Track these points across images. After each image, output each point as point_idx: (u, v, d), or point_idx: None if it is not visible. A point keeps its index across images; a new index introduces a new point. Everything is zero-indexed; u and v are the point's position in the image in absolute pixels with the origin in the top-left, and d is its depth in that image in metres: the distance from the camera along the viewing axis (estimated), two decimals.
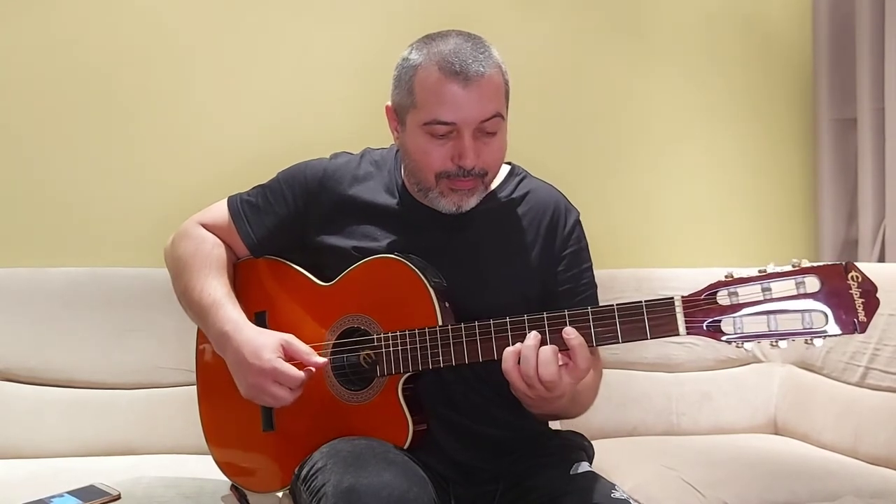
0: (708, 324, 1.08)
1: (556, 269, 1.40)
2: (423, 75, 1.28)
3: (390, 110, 1.37)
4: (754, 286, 1.06)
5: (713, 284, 1.09)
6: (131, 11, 2.18)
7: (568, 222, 1.43)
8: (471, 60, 1.25)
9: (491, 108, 1.27)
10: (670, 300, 1.10)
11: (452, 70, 1.25)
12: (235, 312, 1.35)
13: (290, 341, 1.30)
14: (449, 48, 1.27)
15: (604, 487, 1.25)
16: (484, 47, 1.29)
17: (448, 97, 1.25)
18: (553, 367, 1.13)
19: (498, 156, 1.33)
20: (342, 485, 1.11)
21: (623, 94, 2.45)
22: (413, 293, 1.27)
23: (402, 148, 1.37)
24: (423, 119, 1.28)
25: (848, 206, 2.45)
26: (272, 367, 1.26)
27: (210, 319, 1.35)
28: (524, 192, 1.44)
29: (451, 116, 1.26)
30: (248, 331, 1.32)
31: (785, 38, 2.52)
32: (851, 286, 1.02)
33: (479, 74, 1.25)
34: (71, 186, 2.15)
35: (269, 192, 1.46)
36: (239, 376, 1.31)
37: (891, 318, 1.90)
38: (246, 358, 1.28)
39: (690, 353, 2.23)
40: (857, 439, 1.92)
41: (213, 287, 1.38)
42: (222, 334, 1.33)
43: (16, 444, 1.88)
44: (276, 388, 1.27)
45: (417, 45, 1.32)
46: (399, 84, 1.32)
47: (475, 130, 1.27)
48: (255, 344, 1.29)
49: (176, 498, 1.54)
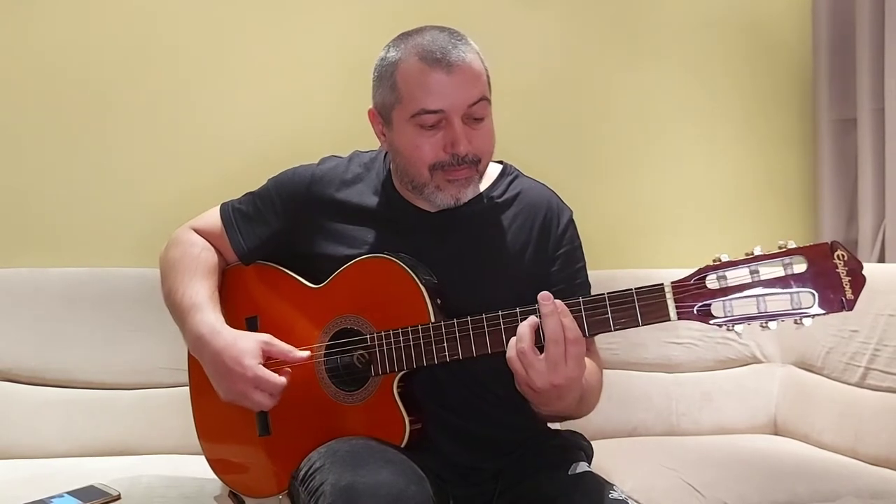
0: (698, 308, 1.09)
1: (549, 269, 1.39)
2: (405, 68, 1.28)
3: (374, 113, 1.37)
4: (742, 269, 1.07)
5: (702, 269, 1.10)
6: (130, 13, 2.18)
7: (561, 222, 1.43)
8: (450, 48, 1.26)
9: (476, 92, 1.27)
10: (660, 286, 1.10)
11: (434, 58, 1.25)
12: (213, 316, 1.34)
13: (269, 342, 1.30)
14: (426, 39, 1.28)
15: (602, 488, 1.25)
16: (460, 36, 1.30)
17: (433, 85, 1.25)
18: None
19: (488, 140, 1.33)
20: (340, 483, 1.11)
21: (623, 94, 2.44)
22: (404, 291, 1.27)
23: (391, 148, 1.37)
24: (411, 111, 1.28)
25: (848, 207, 2.45)
26: (254, 374, 1.26)
27: (188, 322, 1.35)
28: (516, 191, 1.43)
29: (439, 104, 1.26)
30: (225, 335, 1.31)
31: (785, 38, 2.52)
32: (838, 265, 1.03)
33: (461, 59, 1.26)
34: (71, 187, 2.15)
35: (259, 199, 1.47)
36: (218, 381, 1.31)
37: (891, 319, 1.90)
38: (227, 364, 1.28)
39: (690, 354, 2.23)
40: (857, 440, 1.92)
41: (195, 290, 1.38)
42: (198, 338, 1.32)
43: (16, 444, 1.88)
44: (258, 394, 1.27)
45: (393, 42, 1.33)
46: (380, 83, 1.32)
47: (464, 116, 1.27)
48: (234, 350, 1.28)
49: (175, 498, 1.54)
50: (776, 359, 2.26)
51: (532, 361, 1.12)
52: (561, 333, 1.11)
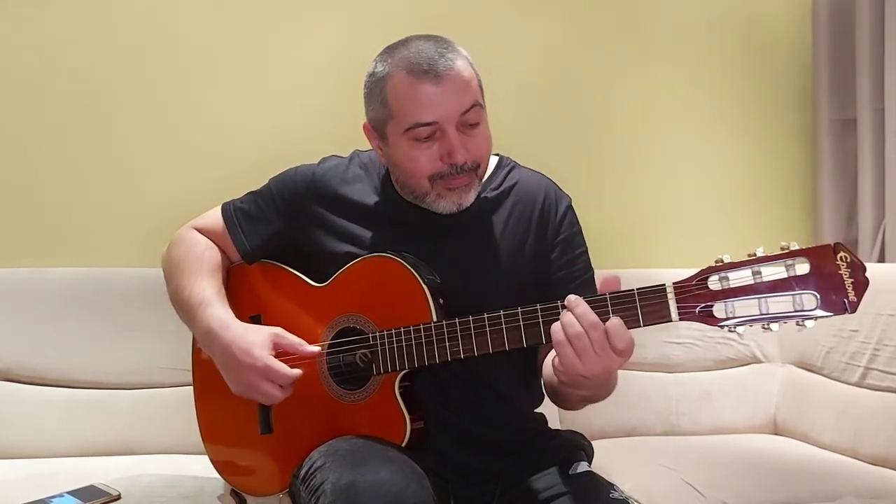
0: (700, 309, 1.08)
1: (550, 257, 1.39)
2: (394, 83, 1.27)
3: (368, 128, 1.37)
4: (745, 270, 1.06)
5: (704, 270, 1.09)
6: (130, 14, 2.18)
7: (559, 209, 1.42)
8: (437, 57, 1.25)
9: (467, 99, 1.27)
10: (662, 287, 1.10)
11: (421, 70, 1.25)
12: (223, 310, 1.34)
13: (280, 334, 1.30)
14: (412, 51, 1.27)
15: (602, 488, 1.25)
16: (447, 43, 1.29)
17: (423, 98, 1.25)
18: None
19: (485, 146, 1.33)
20: (341, 482, 1.11)
21: (623, 94, 2.45)
22: (407, 291, 1.27)
23: (388, 162, 1.37)
24: (404, 126, 1.27)
25: (848, 206, 2.45)
26: (264, 364, 1.26)
27: (197, 318, 1.35)
28: (513, 182, 1.43)
29: (431, 116, 1.25)
30: (235, 327, 1.31)
31: (785, 38, 2.52)
32: (840, 266, 1.02)
33: (449, 68, 1.25)
34: (71, 186, 2.15)
35: (260, 199, 1.47)
36: (229, 374, 1.31)
37: (891, 318, 1.90)
38: (236, 356, 1.28)
39: (690, 353, 2.23)
40: (856, 439, 1.92)
41: (201, 287, 1.38)
42: (208, 332, 1.32)
43: (16, 444, 1.88)
44: (268, 385, 1.27)
45: (380, 57, 1.32)
46: (371, 99, 1.32)
47: (458, 125, 1.27)
48: (245, 341, 1.28)
49: (176, 498, 1.54)
50: (776, 359, 2.26)
51: (585, 344, 1.09)
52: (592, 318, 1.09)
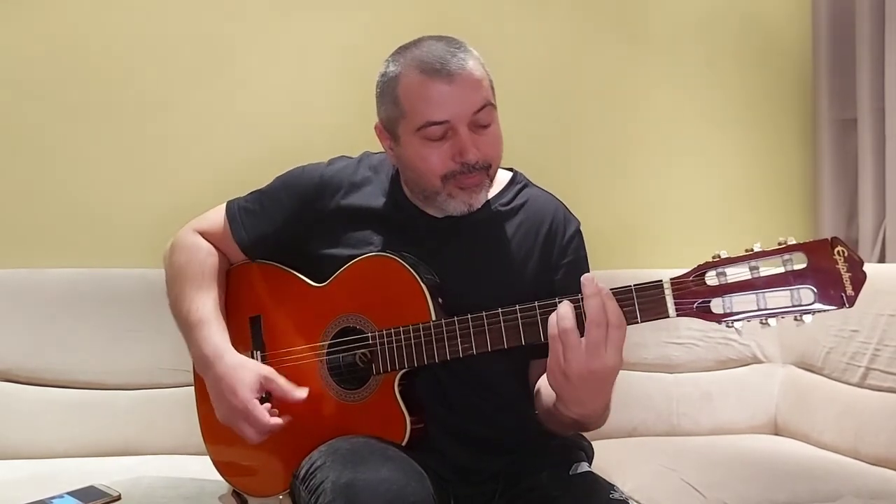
0: (697, 305, 1.07)
1: (552, 278, 1.38)
2: (406, 82, 1.27)
3: (380, 129, 1.36)
4: (742, 266, 1.06)
5: (701, 266, 1.08)
6: (132, 15, 2.18)
7: (567, 232, 1.42)
8: (449, 57, 1.25)
9: (479, 98, 1.27)
10: (659, 283, 1.09)
11: (433, 69, 1.25)
12: (218, 335, 1.35)
13: (269, 377, 1.30)
14: (424, 51, 1.27)
15: (603, 488, 1.25)
16: (458, 43, 1.29)
17: (436, 97, 1.25)
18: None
19: (497, 145, 1.32)
20: (341, 480, 1.12)
21: (622, 95, 2.44)
22: (406, 290, 1.27)
23: (399, 162, 1.36)
24: (416, 125, 1.27)
25: (848, 206, 2.45)
26: (244, 407, 1.27)
27: (192, 338, 1.36)
28: (523, 200, 1.43)
29: (443, 115, 1.25)
30: (228, 360, 1.31)
31: (785, 38, 2.52)
32: (838, 261, 1.02)
33: (461, 68, 1.25)
34: (71, 187, 2.15)
35: (265, 197, 1.46)
36: (214, 402, 1.33)
37: (891, 319, 1.90)
38: (223, 392, 1.30)
39: (691, 354, 2.23)
40: (857, 440, 1.92)
41: (200, 302, 1.38)
42: (202, 357, 1.34)
43: (16, 445, 1.88)
44: (246, 427, 1.28)
45: (392, 57, 1.32)
46: (383, 99, 1.32)
47: (469, 124, 1.27)
48: (233, 378, 1.29)
49: (176, 499, 1.54)
50: (776, 359, 2.26)
51: (573, 341, 1.07)
52: (604, 316, 1.06)
